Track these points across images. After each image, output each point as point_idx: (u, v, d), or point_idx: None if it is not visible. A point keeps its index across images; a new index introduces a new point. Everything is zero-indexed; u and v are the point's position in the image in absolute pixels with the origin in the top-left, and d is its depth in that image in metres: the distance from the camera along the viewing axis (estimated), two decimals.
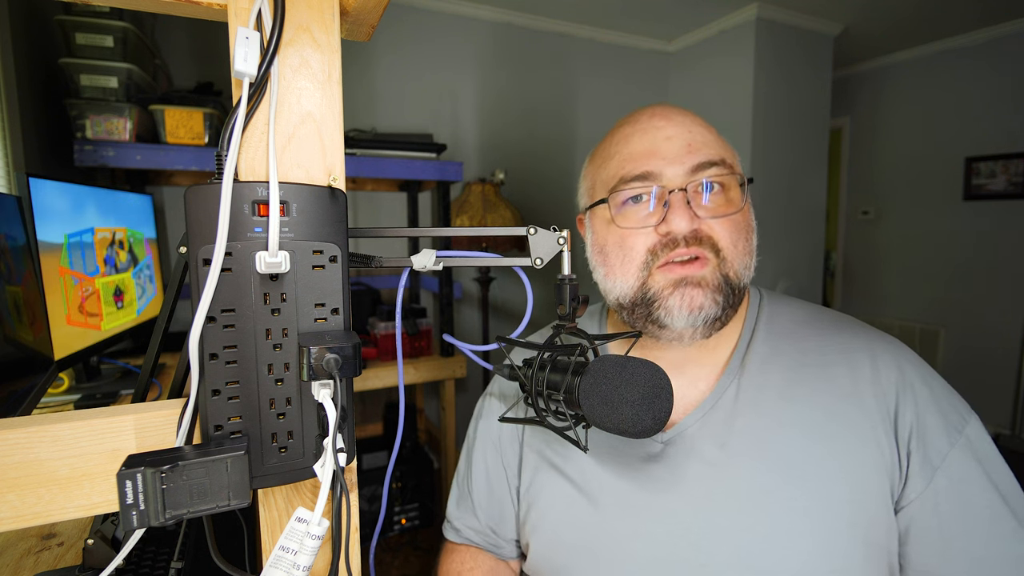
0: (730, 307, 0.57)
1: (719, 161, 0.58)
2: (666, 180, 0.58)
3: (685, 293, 0.56)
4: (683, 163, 0.57)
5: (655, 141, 0.59)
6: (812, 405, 0.56)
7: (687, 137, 0.59)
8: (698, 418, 0.59)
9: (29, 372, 0.82)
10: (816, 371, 0.58)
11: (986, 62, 3.01)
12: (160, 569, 0.70)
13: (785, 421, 0.56)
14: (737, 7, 2.68)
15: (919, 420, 0.53)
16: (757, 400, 0.58)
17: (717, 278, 0.56)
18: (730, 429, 0.57)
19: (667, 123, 0.60)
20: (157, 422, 0.34)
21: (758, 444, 0.56)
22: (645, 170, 0.58)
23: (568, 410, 0.46)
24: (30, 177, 0.99)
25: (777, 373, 0.59)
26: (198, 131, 1.63)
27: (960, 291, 3.16)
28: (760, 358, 0.60)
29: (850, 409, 0.55)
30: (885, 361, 0.57)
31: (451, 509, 0.78)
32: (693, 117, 0.62)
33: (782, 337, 0.61)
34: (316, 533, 0.35)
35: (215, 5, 0.37)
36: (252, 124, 0.35)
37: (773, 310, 0.64)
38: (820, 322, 0.62)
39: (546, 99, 2.89)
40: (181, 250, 0.37)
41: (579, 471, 0.64)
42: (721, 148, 0.60)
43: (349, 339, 0.34)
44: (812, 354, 0.59)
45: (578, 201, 0.71)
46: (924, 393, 0.55)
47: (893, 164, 3.47)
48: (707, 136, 0.60)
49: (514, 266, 0.50)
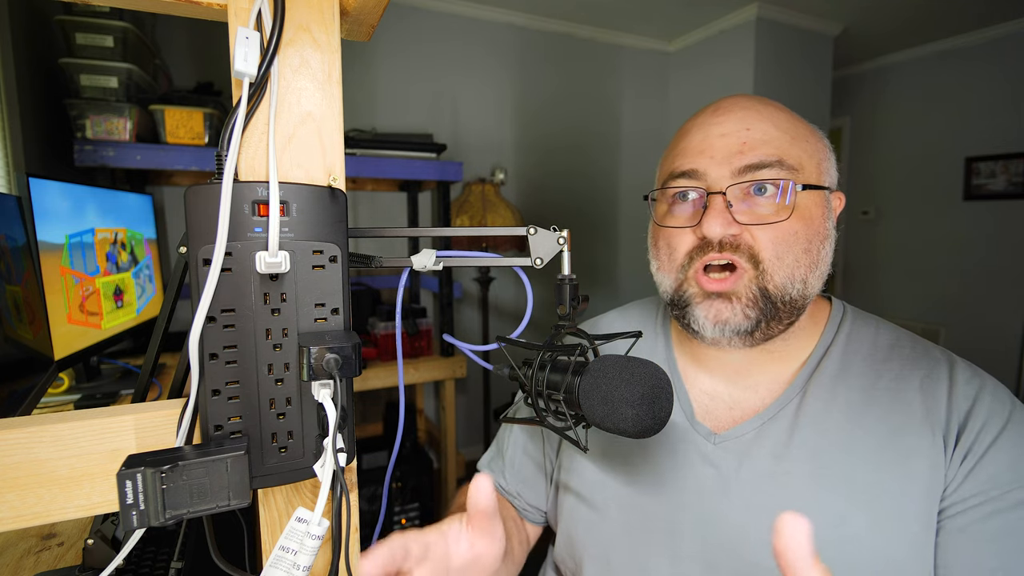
0: (773, 320, 0.54)
1: (773, 163, 0.53)
2: (711, 180, 0.55)
3: (712, 305, 0.55)
4: (731, 163, 0.54)
5: (708, 137, 0.56)
6: (879, 430, 0.53)
7: (743, 135, 0.55)
8: (756, 426, 0.57)
9: (29, 372, 0.82)
10: (889, 396, 0.54)
11: (986, 62, 3.01)
12: (160, 569, 0.70)
13: (847, 443, 0.53)
14: (737, 7, 2.68)
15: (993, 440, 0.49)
16: (820, 417, 0.55)
17: (752, 291, 0.54)
18: (788, 442, 0.55)
19: (727, 118, 0.56)
20: (157, 422, 0.34)
21: (815, 461, 0.53)
22: (692, 167, 0.56)
23: (568, 410, 0.46)
24: (30, 177, 0.99)
25: (846, 393, 0.55)
26: (198, 131, 1.63)
27: (960, 291, 3.16)
28: (830, 375, 0.57)
29: (921, 439, 0.51)
30: (964, 388, 0.53)
31: (483, 463, 0.80)
32: (762, 111, 0.56)
33: (859, 357, 0.58)
34: (316, 533, 0.35)
35: (215, 5, 0.37)
36: (252, 124, 0.35)
37: (856, 329, 0.60)
38: (905, 348, 0.58)
39: (546, 99, 2.89)
40: (181, 250, 0.37)
41: (618, 462, 0.63)
42: (788, 147, 0.55)
43: (349, 339, 0.34)
44: (888, 379, 0.55)
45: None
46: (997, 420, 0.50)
47: (893, 164, 3.47)
48: (771, 133, 0.55)
49: (514, 266, 0.50)
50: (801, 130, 0.57)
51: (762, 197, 0.54)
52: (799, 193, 0.54)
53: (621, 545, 0.61)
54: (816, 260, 0.55)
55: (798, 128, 0.57)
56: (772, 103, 0.58)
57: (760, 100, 0.58)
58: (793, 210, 0.53)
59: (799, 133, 0.56)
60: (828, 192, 0.58)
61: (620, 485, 0.62)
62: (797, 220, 0.54)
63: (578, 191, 3.03)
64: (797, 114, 0.59)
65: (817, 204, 0.56)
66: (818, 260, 0.55)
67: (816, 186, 0.55)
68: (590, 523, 0.64)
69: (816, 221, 0.55)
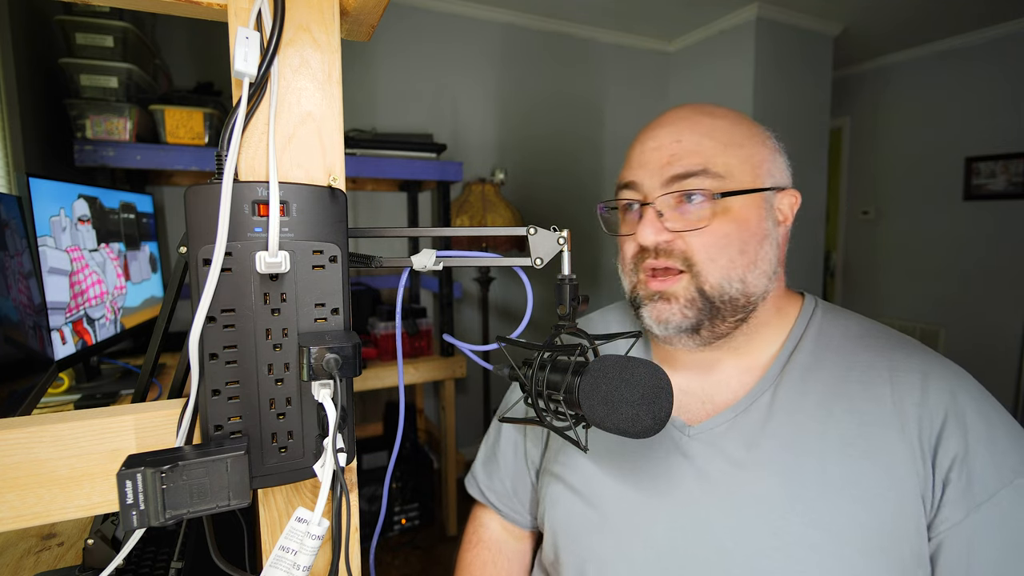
0: (716, 319, 0.57)
1: (699, 172, 0.56)
2: (645, 190, 0.59)
3: (656, 306, 0.59)
4: (661, 174, 0.58)
5: (644, 151, 0.60)
6: (850, 421, 0.54)
7: (673, 147, 0.58)
8: (728, 419, 0.59)
9: (29, 372, 0.83)
10: (860, 387, 0.55)
11: (986, 62, 3.01)
12: (160, 569, 0.70)
13: (820, 433, 0.54)
14: (737, 7, 2.68)
15: (967, 451, 0.50)
16: (793, 409, 0.56)
17: (690, 292, 0.57)
18: (761, 433, 0.56)
19: (662, 131, 0.60)
20: (157, 422, 0.34)
21: (788, 451, 0.55)
22: (632, 179, 0.60)
23: (568, 410, 0.46)
24: (30, 177, 0.99)
25: (818, 384, 0.57)
26: (198, 131, 1.63)
27: (960, 291, 3.16)
28: (802, 368, 0.59)
29: (889, 430, 0.53)
30: (938, 386, 0.53)
31: (477, 467, 0.82)
32: (698, 121, 0.59)
33: (830, 350, 0.59)
34: (316, 533, 0.35)
35: (215, 5, 0.37)
36: (252, 124, 0.35)
37: (826, 322, 0.62)
38: (875, 339, 0.59)
39: (546, 99, 2.89)
40: (181, 250, 0.37)
41: (601, 452, 0.65)
42: (716, 156, 0.57)
43: (349, 339, 0.34)
44: (858, 370, 0.57)
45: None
46: (979, 426, 0.51)
47: (893, 164, 3.47)
48: (701, 144, 0.57)
49: (514, 266, 0.50)
50: (737, 136, 0.59)
51: (691, 204, 0.57)
52: (731, 198, 0.57)
53: (598, 532, 0.62)
54: (754, 259, 0.57)
55: (734, 135, 0.59)
56: (714, 112, 0.60)
57: (699, 110, 0.60)
58: (721, 214, 0.56)
59: (734, 140, 0.58)
60: (773, 193, 0.60)
61: (603, 475, 0.64)
62: (729, 223, 0.57)
63: (578, 191, 3.03)
64: (748, 118, 0.62)
65: (753, 207, 0.58)
66: (756, 259, 0.58)
67: (746, 191, 0.57)
68: (570, 508, 0.66)
69: (752, 223, 0.58)
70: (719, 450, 0.58)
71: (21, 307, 0.81)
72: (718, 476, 0.57)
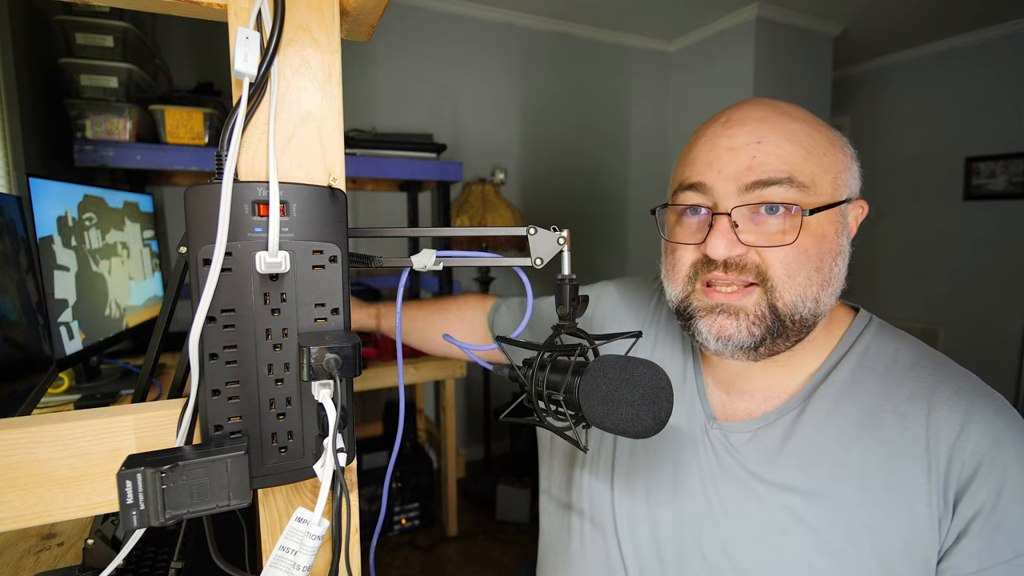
0: (780, 337, 0.52)
1: (783, 180, 0.50)
2: (717, 196, 0.53)
3: (716, 320, 0.53)
4: (739, 179, 0.51)
5: (716, 149, 0.54)
6: (876, 449, 0.51)
7: (753, 148, 0.51)
8: (752, 428, 0.57)
9: (29, 372, 0.82)
10: (894, 418, 0.52)
11: (986, 62, 3.01)
12: (160, 569, 0.70)
13: (840, 457, 0.52)
14: (737, 7, 2.68)
15: (996, 504, 0.46)
16: (817, 431, 0.54)
17: (761, 307, 0.52)
18: (780, 450, 0.55)
19: (738, 129, 0.53)
20: (157, 422, 0.34)
21: (803, 473, 0.53)
22: (700, 180, 0.54)
23: (568, 410, 0.46)
24: (30, 177, 0.99)
25: (851, 406, 0.54)
26: (198, 131, 1.63)
27: (960, 291, 3.16)
28: (836, 389, 0.55)
29: (916, 466, 0.50)
30: (980, 431, 0.49)
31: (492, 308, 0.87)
32: (777, 122, 0.53)
33: (873, 373, 0.55)
34: (316, 533, 0.35)
35: (215, 5, 0.37)
36: (252, 124, 0.35)
37: (876, 343, 0.57)
38: (924, 370, 0.54)
39: (546, 99, 2.89)
40: (181, 250, 0.37)
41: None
42: (801, 162, 0.51)
43: (349, 339, 0.34)
44: (897, 399, 0.52)
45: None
46: (1020, 479, 0.47)
47: (893, 164, 3.47)
48: (783, 147, 0.51)
49: (514, 266, 0.50)
50: (819, 141, 0.53)
51: (772, 216, 0.52)
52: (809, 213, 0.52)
53: (610, 496, 0.65)
54: (828, 277, 0.53)
55: (816, 139, 0.53)
56: (789, 110, 0.55)
57: (776, 108, 0.55)
58: (802, 228, 0.51)
59: (816, 145, 0.53)
60: (846, 205, 0.55)
61: (622, 444, 0.65)
62: (808, 238, 0.51)
63: (578, 191, 3.03)
64: (817, 119, 0.56)
65: (831, 221, 0.53)
66: (831, 277, 0.53)
67: (830, 204, 0.52)
68: (592, 475, 0.67)
69: (829, 239, 0.53)
70: (734, 460, 0.57)
71: (21, 307, 0.81)
72: (726, 485, 0.56)
